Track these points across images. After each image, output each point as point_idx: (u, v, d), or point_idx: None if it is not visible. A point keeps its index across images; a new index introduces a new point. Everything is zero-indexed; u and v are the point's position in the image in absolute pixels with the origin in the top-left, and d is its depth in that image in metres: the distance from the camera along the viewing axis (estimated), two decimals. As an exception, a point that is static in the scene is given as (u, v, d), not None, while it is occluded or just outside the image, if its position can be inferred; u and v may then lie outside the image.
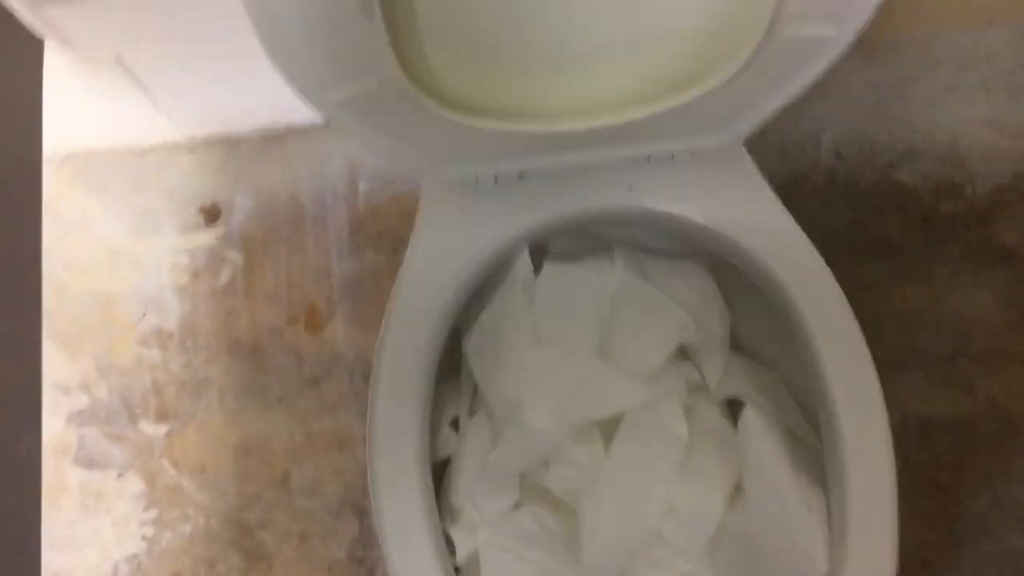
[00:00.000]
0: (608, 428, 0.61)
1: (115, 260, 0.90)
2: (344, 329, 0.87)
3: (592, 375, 0.60)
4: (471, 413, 0.63)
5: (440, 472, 0.63)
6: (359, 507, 0.82)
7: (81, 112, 0.86)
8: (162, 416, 0.85)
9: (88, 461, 0.84)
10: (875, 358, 0.82)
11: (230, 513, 0.83)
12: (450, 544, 0.59)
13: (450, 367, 0.63)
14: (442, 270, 0.57)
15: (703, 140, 0.56)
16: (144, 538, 0.82)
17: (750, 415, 0.58)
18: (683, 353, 0.66)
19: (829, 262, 0.58)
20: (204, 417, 0.85)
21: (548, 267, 0.63)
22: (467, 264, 0.57)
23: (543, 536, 0.59)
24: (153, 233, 0.90)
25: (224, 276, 0.88)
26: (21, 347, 0.58)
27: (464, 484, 0.60)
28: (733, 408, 0.64)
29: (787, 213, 0.57)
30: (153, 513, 0.83)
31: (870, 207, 0.88)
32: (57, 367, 0.87)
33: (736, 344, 0.66)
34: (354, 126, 0.50)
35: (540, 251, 0.65)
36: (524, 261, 0.61)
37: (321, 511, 0.82)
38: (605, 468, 0.59)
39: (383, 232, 0.89)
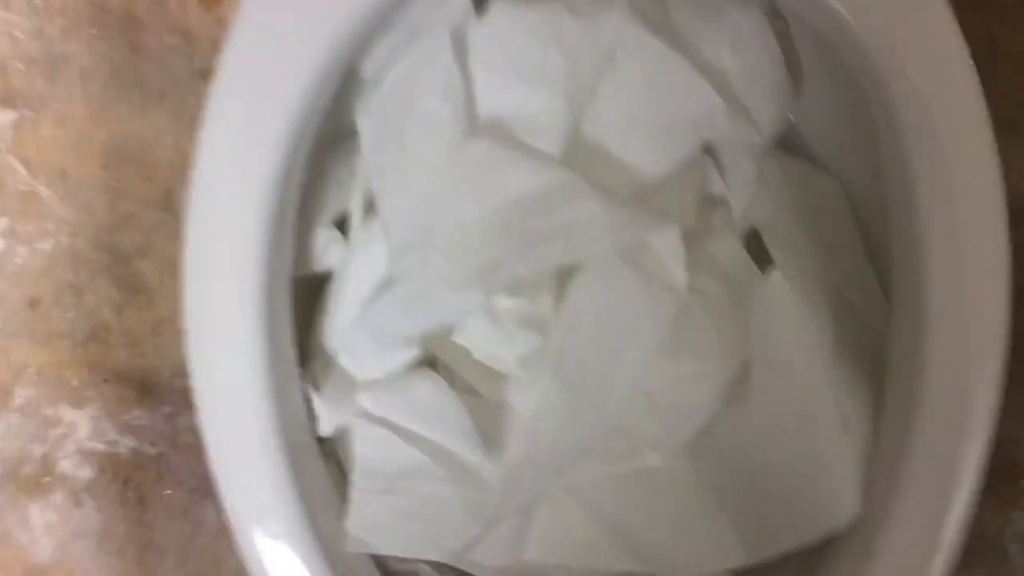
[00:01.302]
0: (562, 269, 0.40)
1: None
2: None
3: (554, 193, 0.38)
4: (367, 213, 0.43)
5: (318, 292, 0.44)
6: (262, 243, 0.64)
7: None
8: (8, 100, 0.65)
9: (-85, 150, 0.65)
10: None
11: (100, 233, 0.65)
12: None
13: (342, 131, 0.42)
14: None
15: None
16: (-7, 253, 0.66)
17: (777, 281, 0.38)
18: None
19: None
20: (63, 107, 0.65)
21: (498, 7, 0.39)
22: None
23: (444, 413, 0.40)
24: None
25: (84, -91, 0.63)
26: None
27: (342, 324, 0.41)
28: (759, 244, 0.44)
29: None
30: (3, 223, 0.66)
31: None
32: None
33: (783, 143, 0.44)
34: None
35: None
36: None
37: (214, 242, 0.65)
38: (552, 331, 0.39)
39: None
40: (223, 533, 0.67)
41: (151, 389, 0.66)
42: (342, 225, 0.47)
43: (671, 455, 0.40)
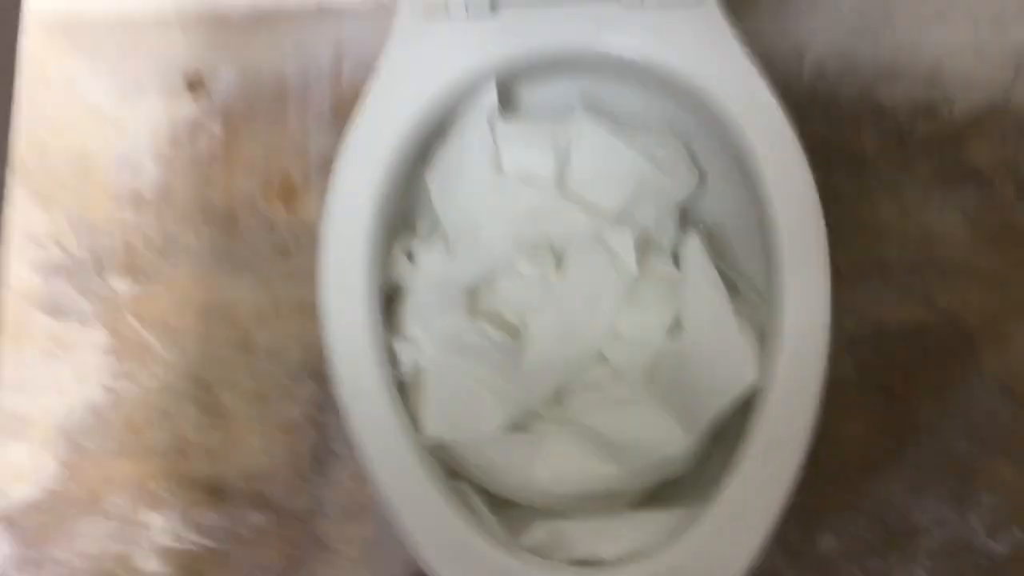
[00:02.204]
0: (562, 256, 0.63)
1: (97, 122, 0.91)
2: (317, 203, 0.87)
3: (549, 204, 0.62)
4: (428, 242, 0.65)
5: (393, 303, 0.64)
6: (317, 372, 0.83)
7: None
8: (131, 273, 0.86)
9: (55, 310, 0.86)
10: (838, 266, 0.84)
11: (191, 370, 0.84)
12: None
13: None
14: (406, 96, 0.58)
15: None
16: (104, 387, 0.84)
17: (694, 239, 0.60)
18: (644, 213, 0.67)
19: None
20: (172, 277, 0.86)
21: (508, 122, 0.64)
22: (432, 93, 0.58)
23: (487, 349, 0.61)
24: (137, 99, 0.91)
25: (203, 144, 0.89)
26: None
27: (413, 306, 0.61)
28: None
29: (752, 63, 0.58)
30: (115, 364, 0.84)
31: (847, 123, 0.88)
32: (32, 219, 0.88)
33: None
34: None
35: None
36: (491, 94, 0.61)
37: (281, 374, 0.83)
38: (554, 288, 0.61)
39: (364, 113, 0.89)
40: (272, 617, 0.78)
41: (219, 493, 0.81)
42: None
43: (633, 380, 0.59)
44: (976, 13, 0.89)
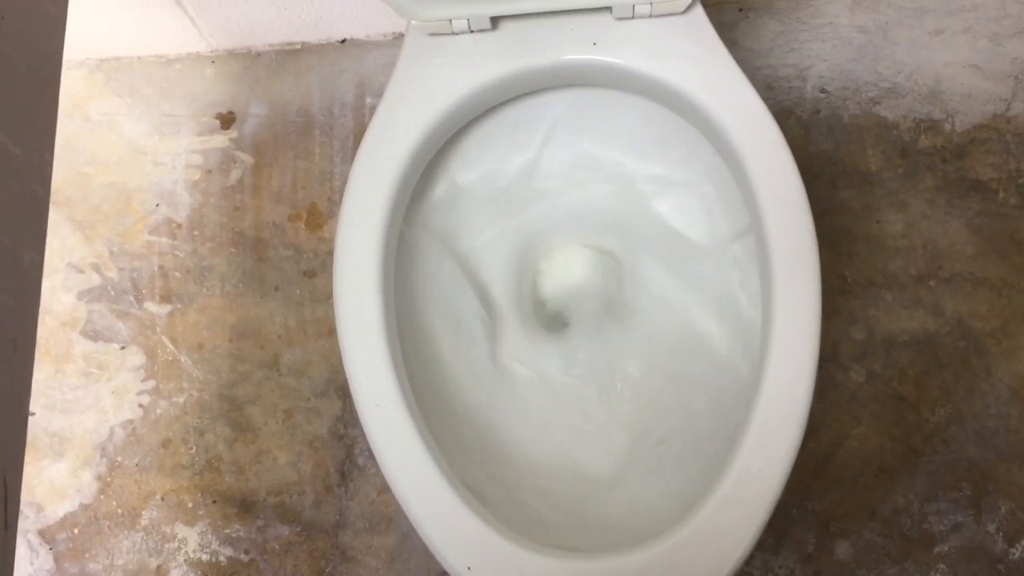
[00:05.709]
0: None
1: (135, 157, 0.96)
2: (341, 228, 0.92)
3: None
4: None
5: None
6: (342, 389, 0.86)
7: (117, 21, 0.93)
8: (166, 298, 0.91)
9: (94, 334, 0.90)
10: (846, 277, 0.86)
11: (222, 388, 0.88)
12: None
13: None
14: (414, 107, 0.62)
15: None
16: (140, 406, 0.87)
17: None
18: None
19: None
20: (205, 300, 0.90)
21: None
22: (438, 105, 0.61)
23: None
24: (172, 135, 0.96)
25: (234, 175, 0.94)
26: (30, 171, 0.63)
27: None
28: None
29: (738, 69, 0.61)
30: (151, 384, 0.88)
31: (851, 139, 0.91)
32: (73, 248, 0.93)
33: None
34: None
35: None
36: None
37: (307, 391, 0.87)
38: None
39: (385, 142, 0.93)
40: (299, 626, 0.81)
41: (249, 506, 0.84)
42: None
43: None
44: (975, 29, 0.92)
